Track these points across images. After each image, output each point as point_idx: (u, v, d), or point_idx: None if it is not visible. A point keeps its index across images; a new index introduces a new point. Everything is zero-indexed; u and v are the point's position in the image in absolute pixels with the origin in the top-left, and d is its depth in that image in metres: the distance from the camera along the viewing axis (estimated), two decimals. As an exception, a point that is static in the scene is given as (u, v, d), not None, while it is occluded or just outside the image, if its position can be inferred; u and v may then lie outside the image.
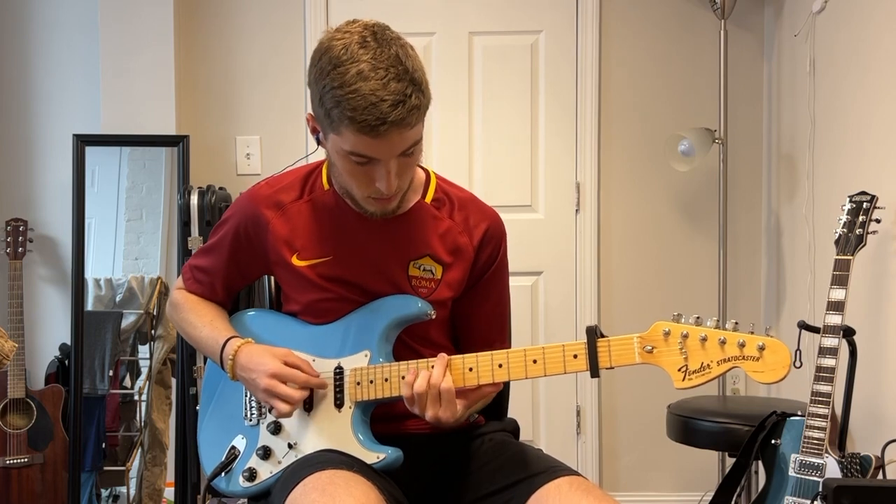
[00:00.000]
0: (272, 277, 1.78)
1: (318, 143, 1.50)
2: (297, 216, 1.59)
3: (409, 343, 1.58)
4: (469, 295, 1.63)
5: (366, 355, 1.52)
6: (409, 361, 1.49)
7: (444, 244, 1.59)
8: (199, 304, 1.68)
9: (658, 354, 1.36)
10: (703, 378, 1.33)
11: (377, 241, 1.57)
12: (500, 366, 1.44)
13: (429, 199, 1.61)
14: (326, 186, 1.60)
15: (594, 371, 1.39)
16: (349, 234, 1.57)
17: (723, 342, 1.32)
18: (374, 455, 1.46)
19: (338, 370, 1.52)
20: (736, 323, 1.33)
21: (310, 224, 1.59)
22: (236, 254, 1.64)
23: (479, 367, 1.45)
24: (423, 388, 1.42)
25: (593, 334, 1.39)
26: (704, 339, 1.33)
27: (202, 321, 1.63)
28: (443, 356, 1.46)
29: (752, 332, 1.32)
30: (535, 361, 1.43)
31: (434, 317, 1.54)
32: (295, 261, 1.58)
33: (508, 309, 1.72)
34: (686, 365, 1.34)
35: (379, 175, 1.42)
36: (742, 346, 1.30)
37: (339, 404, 1.51)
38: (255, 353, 1.52)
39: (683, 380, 1.34)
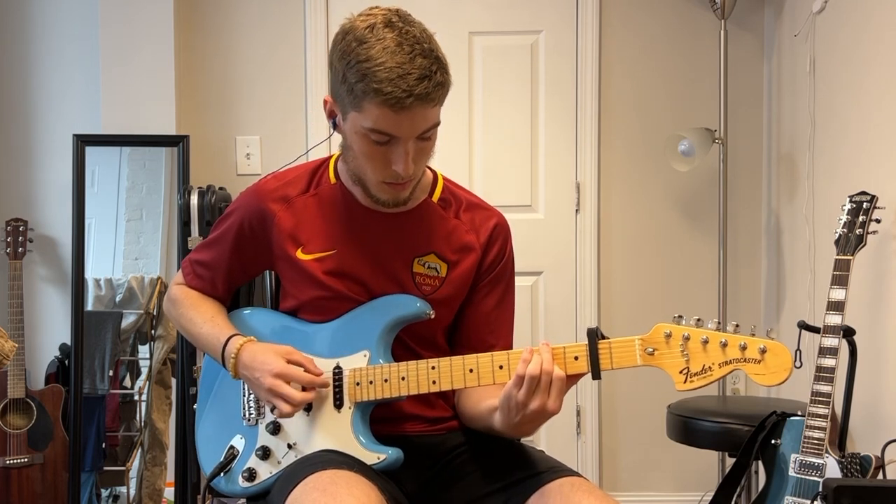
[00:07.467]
0: (273, 275, 1.77)
1: (335, 127, 1.49)
2: (303, 210, 1.59)
3: (409, 344, 1.57)
4: (472, 295, 1.62)
5: (364, 355, 1.51)
6: (409, 362, 1.48)
7: (450, 243, 1.58)
8: (199, 299, 1.67)
9: (659, 356, 1.35)
10: (704, 380, 1.33)
11: (383, 237, 1.57)
12: (501, 367, 1.43)
13: (436, 198, 1.61)
14: (333, 181, 1.60)
15: (595, 373, 1.38)
16: (355, 229, 1.57)
17: (724, 344, 1.31)
18: (374, 456, 1.46)
19: (337, 370, 1.52)
20: (737, 325, 1.33)
21: (316, 218, 1.58)
22: (240, 248, 1.63)
23: (480, 368, 1.44)
24: (537, 371, 1.34)
25: (594, 336, 1.37)
26: (706, 342, 1.32)
27: (202, 318, 1.62)
28: (546, 344, 1.39)
29: (754, 335, 1.31)
30: None
31: (433, 316, 1.53)
32: (300, 254, 1.57)
33: (511, 314, 1.68)
34: (688, 367, 1.33)
35: (397, 156, 1.41)
36: (744, 348, 1.30)
37: (338, 405, 1.50)
38: (259, 351, 1.51)
39: (685, 382, 1.34)
